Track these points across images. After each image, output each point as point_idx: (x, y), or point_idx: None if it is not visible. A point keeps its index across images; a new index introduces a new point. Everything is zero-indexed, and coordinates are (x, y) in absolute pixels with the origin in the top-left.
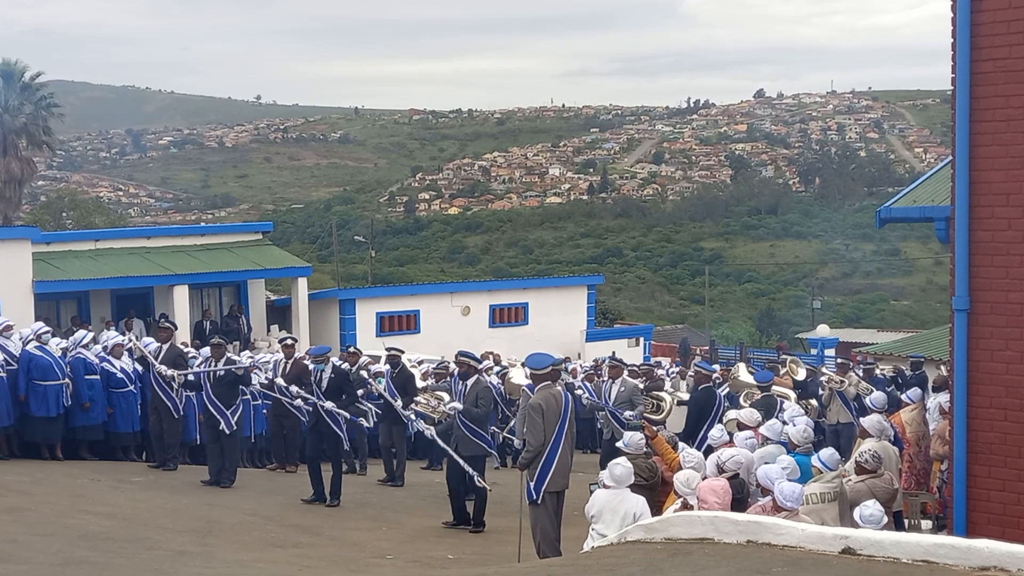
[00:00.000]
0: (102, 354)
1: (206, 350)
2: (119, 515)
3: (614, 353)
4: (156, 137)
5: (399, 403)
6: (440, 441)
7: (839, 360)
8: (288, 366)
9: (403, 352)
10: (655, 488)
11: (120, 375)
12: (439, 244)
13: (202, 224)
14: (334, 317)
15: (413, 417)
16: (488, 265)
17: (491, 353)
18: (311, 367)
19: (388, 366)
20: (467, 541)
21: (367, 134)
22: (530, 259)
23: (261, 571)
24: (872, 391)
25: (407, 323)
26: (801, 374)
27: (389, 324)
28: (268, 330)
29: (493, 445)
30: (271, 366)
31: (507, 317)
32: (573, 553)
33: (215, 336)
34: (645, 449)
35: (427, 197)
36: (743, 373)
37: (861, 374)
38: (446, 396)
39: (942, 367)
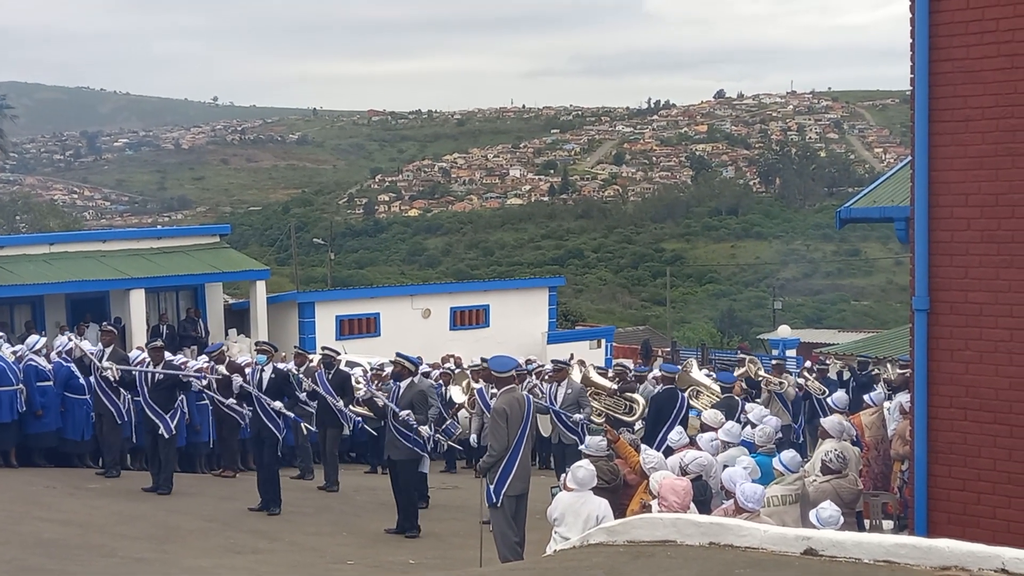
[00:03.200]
0: (56, 358)
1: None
2: (75, 522)
3: (572, 355)
4: (111, 139)
5: (340, 403)
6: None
7: (774, 361)
8: (223, 368)
9: (339, 353)
10: (617, 490)
11: (81, 380)
12: (399, 246)
13: (158, 227)
14: (293, 320)
15: (356, 417)
16: (449, 267)
17: (452, 356)
18: (248, 370)
19: (323, 367)
20: (428, 545)
21: (325, 135)
22: (491, 261)
23: None
24: (826, 391)
25: (367, 326)
26: (761, 374)
27: (349, 327)
28: (226, 334)
29: (426, 448)
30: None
31: (468, 320)
32: (535, 556)
33: (157, 340)
34: (607, 451)
35: (387, 199)
36: (694, 370)
37: (815, 374)
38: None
39: (888, 365)
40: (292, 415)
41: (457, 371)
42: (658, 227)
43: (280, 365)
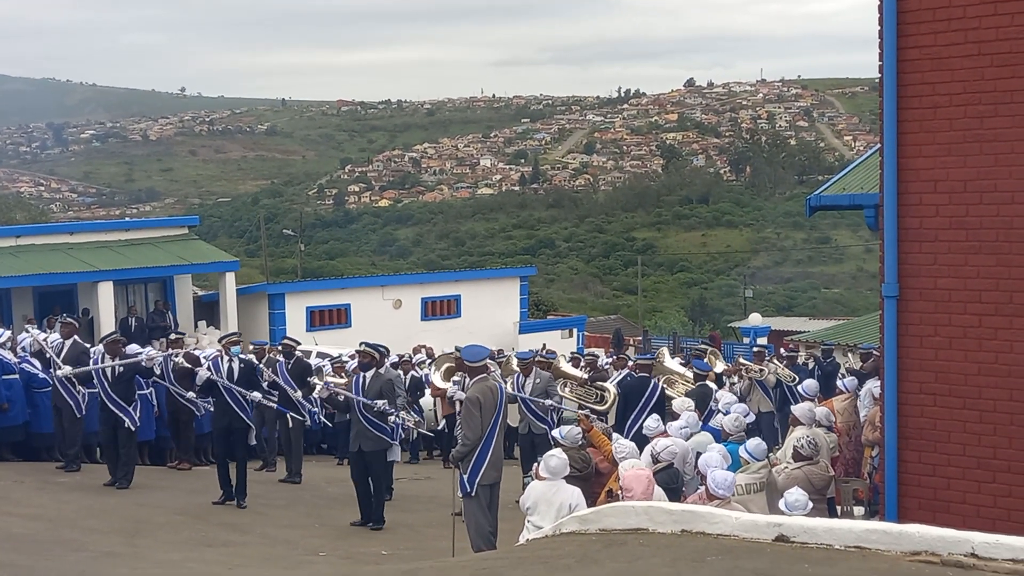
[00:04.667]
0: (22, 355)
1: (133, 347)
2: (45, 516)
3: (544, 345)
4: (78, 131)
5: (299, 394)
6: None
7: (755, 348)
8: (180, 358)
9: (298, 343)
10: (589, 479)
11: (43, 375)
12: (369, 237)
13: (126, 219)
14: (263, 312)
15: (313, 409)
16: (420, 258)
17: (423, 346)
18: (203, 359)
19: (282, 357)
20: (401, 536)
21: (295, 126)
22: (462, 251)
23: (191, 571)
24: (796, 379)
25: (338, 317)
26: (719, 367)
27: (319, 318)
28: (196, 326)
29: (396, 438)
30: (160, 361)
31: (439, 310)
32: (508, 546)
33: (113, 333)
34: (581, 441)
35: (357, 189)
36: (667, 359)
37: (785, 362)
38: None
39: (849, 355)
40: (277, 405)
41: (440, 354)
42: (629, 216)
43: (244, 355)
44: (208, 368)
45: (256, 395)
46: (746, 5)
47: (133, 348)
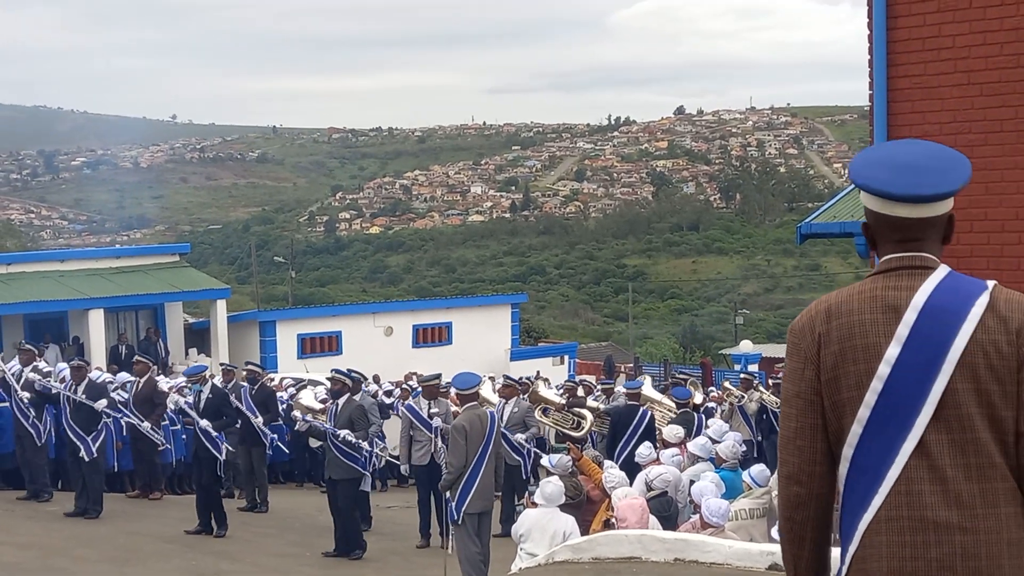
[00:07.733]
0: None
1: (123, 375)
2: (35, 545)
3: (538, 372)
4: (69, 158)
5: (260, 420)
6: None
7: (743, 375)
8: (141, 385)
9: (263, 368)
10: (580, 506)
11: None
12: (360, 264)
13: (117, 246)
14: (254, 339)
15: (272, 435)
16: (411, 285)
17: (415, 374)
18: (167, 388)
19: (247, 383)
20: (392, 565)
21: (285, 153)
22: (453, 278)
23: None
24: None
25: (329, 344)
26: (697, 398)
27: (311, 346)
28: (186, 354)
29: (367, 467)
30: (125, 387)
31: (430, 337)
32: (500, 575)
33: (76, 359)
34: (571, 469)
35: (348, 216)
36: (647, 388)
37: (771, 389)
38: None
39: None
40: (217, 434)
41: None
42: (620, 243)
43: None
44: (178, 394)
45: (204, 423)
46: (738, 33)
47: (123, 377)
